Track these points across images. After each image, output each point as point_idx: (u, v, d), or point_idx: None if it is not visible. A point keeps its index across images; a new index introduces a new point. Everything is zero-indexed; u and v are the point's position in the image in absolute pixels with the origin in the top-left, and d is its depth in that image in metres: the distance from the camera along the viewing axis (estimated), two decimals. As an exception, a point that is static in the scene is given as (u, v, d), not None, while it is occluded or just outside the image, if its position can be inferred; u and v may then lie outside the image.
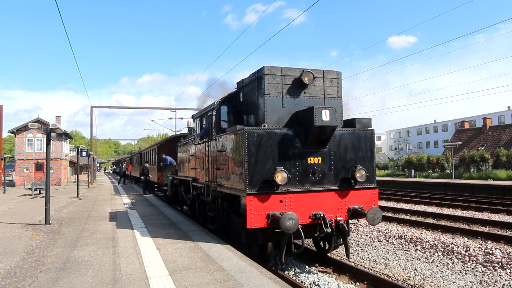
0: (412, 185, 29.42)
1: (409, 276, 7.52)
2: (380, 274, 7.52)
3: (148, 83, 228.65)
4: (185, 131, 21.31)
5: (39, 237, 8.97)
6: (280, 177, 6.73)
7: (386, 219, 13.01)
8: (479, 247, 8.87)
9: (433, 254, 8.88)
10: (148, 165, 24.18)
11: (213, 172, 8.82)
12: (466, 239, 10.02)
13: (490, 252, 8.48)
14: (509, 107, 66.14)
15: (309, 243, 9.18)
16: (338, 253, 8.83)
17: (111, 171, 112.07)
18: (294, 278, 7.16)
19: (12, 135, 40.82)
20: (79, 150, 24.23)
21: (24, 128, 36.44)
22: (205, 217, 10.36)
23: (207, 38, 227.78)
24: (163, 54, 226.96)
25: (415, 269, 7.91)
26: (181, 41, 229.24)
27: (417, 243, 9.74)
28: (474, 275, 7.48)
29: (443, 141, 70.57)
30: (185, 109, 39.66)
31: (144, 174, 23.47)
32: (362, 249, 9.57)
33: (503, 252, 8.43)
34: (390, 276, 7.53)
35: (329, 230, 6.88)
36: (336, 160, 7.39)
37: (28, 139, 37.02)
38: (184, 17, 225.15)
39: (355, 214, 7.34)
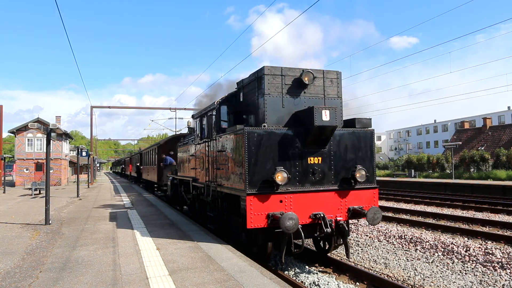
0: (412, 185, 29.42)
1: (409, 276, 7.52)
2: (380, 274, 7.52)
3: (150, 83, 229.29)
4: (185, 131, 21.31)
5: (39, 237, 8.97)
6: (280, 177, 6.73)
7: (386, 219, 13.01)
8: (479, 247, 8.87)
9: (433, 254, 8.87)
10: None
11: (213, 172, 8.81)
12: (466, 239, 10.02)
13: (490, 252, 8.48)
14: (509, 107, 66.13)
15: (309, 243, 9.18)
16: (338, 253, 8.83)
17: (111, 171, 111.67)
18: (294, 278, 7.16)
19: (12, 135, 40.83)
20: (79, 150, 24.23)
21: (24, 128, 36.45)
22: (205, 217, 10.35)
23: (210, 39, 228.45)
24: (166, 55, 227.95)
25: (415, 269, 7.91)
26: (184, 42, 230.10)
27: (417, 243, 9.74)
28: (474, 275, 7.48)
29: (443, 141, 70.54)
30: (185, 109, 39.64)
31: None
32: (362, 249, 9.56)
33: (503, 252, 8.43)
34: (390, 276, 7.52)
35: (329, 230, 6.88)
36: (336, 160, 7.39)
37: (28, 139, 37.03)
38: (187, 17, 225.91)
39: (355, 214, 7.33)
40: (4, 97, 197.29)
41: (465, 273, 7.58)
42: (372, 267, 8.15)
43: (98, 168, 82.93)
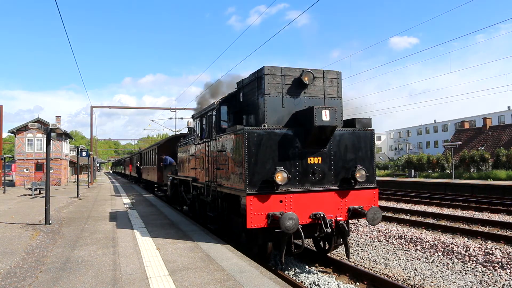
0: (412, 185, 29.41)
1: (409, 276, 7.52)
2: (380, 274, 7.52)
3: (150, 83, 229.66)
4: (185, 131, 21.31)
5: (39, 237, 8.97)
6: (280, 177, 6.72)
7: (386, 219, 13.00)
8: (479, 247, 8.87)
9: (433, 254, 8.87)
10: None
11: (213, 172, 8.81)
12: (466, 239, 10.02)
13: (490, 252, 8.48)
14: (509, 107, 66.11)
15: (309, 243, 9.18)
16: (338, 253, 8.83)
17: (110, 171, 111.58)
18: (294, 278, 7.16)
19: (12, 135, 40.83)
20: (79, 150, 24.22)
21: (24, 128, 36.45)
22: (205, 217, 10.35)
23: (211, 39, 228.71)
24: (166, 55, 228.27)
25: (415, 269, 7.91)
26: (185, 42, 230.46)
27: (417, 243, 9.73)
28: (474, 275, 7.48)
29: (443, 141, 70.52)
30: (185, 109, 39.64)
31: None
32: (362, 249, 9.56)
33: (503, 252, 8.43)
34: (390, 276, 7.52)
35: (329, 230, 6.87)
36: (336, 160, 7.38)
37: (28, 139, 37.03)
38: (188, 18, 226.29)
39: (355, 214, 7.33)
40: (4, 97, 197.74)
41: (465, 273, 7.58)
42: (372, 267, 8.15)
43: (98, 168, 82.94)
